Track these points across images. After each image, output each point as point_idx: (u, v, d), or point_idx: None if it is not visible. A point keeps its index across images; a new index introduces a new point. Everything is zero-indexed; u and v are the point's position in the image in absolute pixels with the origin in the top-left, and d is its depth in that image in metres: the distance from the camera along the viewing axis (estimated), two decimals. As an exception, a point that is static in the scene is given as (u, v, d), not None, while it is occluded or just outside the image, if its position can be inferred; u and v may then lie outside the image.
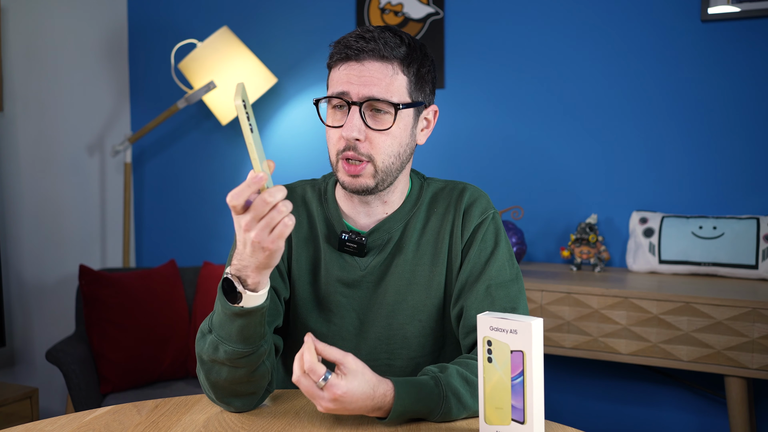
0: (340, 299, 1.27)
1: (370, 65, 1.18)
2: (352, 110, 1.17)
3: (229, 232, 3.18)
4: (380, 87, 1.17)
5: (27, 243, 2.86)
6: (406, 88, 1.20)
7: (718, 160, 2.42)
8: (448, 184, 1.33)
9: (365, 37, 1.18)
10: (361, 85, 1.17)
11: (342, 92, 1.18)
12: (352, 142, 1.18)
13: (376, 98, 1.17)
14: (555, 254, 2.64)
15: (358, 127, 1.17)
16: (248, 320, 1.06)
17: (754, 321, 1.95)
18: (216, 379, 1.13)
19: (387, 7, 2.84)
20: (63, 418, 1.16)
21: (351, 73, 1.18)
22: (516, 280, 1.26)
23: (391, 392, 1.05)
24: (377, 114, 1.19)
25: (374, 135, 1.19)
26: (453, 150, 2.76)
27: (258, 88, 2.85)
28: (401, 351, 1.27)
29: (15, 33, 2.80)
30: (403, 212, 1.29)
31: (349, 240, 1.26)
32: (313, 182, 1.37)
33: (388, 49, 1.18)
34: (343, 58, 1.19)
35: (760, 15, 2.31)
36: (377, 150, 1.19)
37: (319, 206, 1.32)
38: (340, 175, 1.22)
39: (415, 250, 1.28)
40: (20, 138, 2.83)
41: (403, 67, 1.20)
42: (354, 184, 1.21)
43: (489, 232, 1.27)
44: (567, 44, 2.60)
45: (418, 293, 1.27)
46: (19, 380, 2.83)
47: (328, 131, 1.22)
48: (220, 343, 1.09)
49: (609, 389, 2.58)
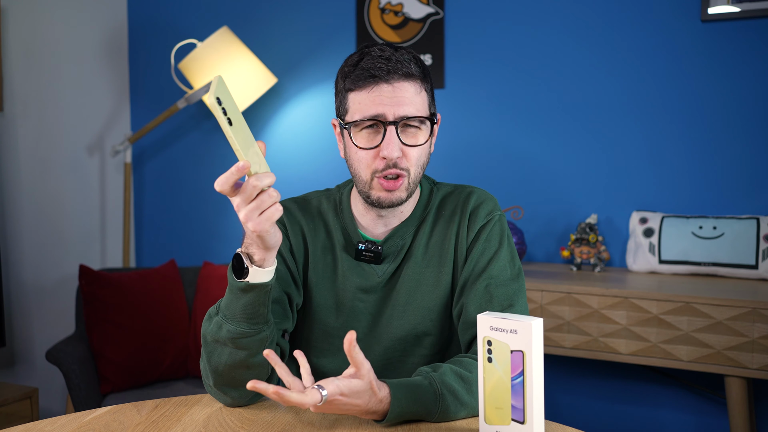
0: (358, 304, 1.32)
1: (399, 85, 1.22)
2: (389, 130, 1.22)
3: (229, 232, 3.19)
4: (413, 105, 1.23)
5: (27, 243, 2.86)
6: (428, 103, 1.27)
7: (718, 160, 2.42)
8: (457, 188, 1.37)
9: (387, 57, 1.22)
10: (395, 105, 1.21)
11: (377, 115, 1.22)
12: (392, 161, 1.22)
13: (412, 116, 1.22)
14: (555, 254, 2.64)
15: (399, 146, 1.22)
16: (253, 297, 1.11)
17: (754, 321, 1.95)
18: (217, 362, 1.16)
19: (387, 7, 2.83)
20: (63, 418, 1.16)
21: (382, 95, 1.22)
22: (516, 279, 1.29)
23: (387, 396, 1.07)
24: (408, 129, 1.24)
25: (409, 150, 1.24)
26: (453, 150, 2.76)
27: (258, 88, 2.85)
28: (414, 349, 1.31)
29: (15, 33, 2.80)
30: (414, 218, 1.33)
31: (365, 250, 1.31)
32: (327, 193, 1.40)
33: (410, 68, 1.23)
34: (370, 81, 1.22)
35: (760, 15, 2.31)
36: (411, 163, 1.25)
37: (335, 217, 1.36)
38: (375, 192, 1.25)
39: (424, 253, 1.32)
40: (20, 138, 2.83)
41: (423, 83, 1.26)
42: (390, 199, 1.25)
43: (494, 232, 1.30)
44: (567, 44, 2.60)
45: (427, 294, 1.30)
46: (19, 380, 2.83)
47: (359, 152, 1.25)
48: (224, 323, 1.14)
49: (609, 389, 2.58)
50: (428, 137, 1.26)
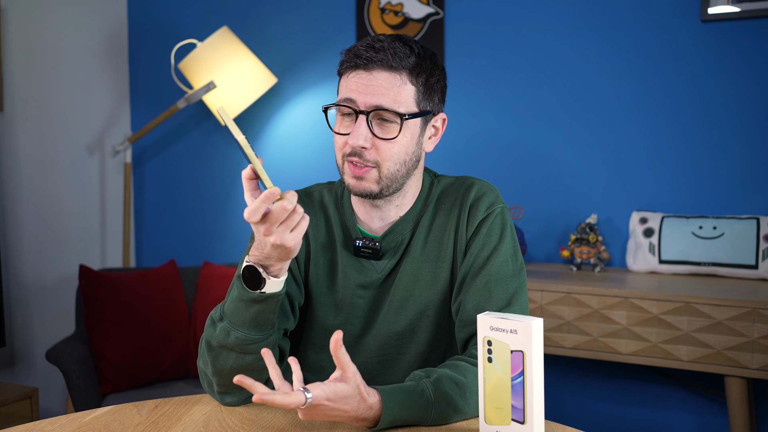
0: (357, 301, 1.30)
1: (378, 75, 1.20)
2: (359, 119, 1.20)
3: (229, 232, 3.19)
4: (387, 97, 1.19)
5: (27, 243, 2.86)
6: (414, 98, 1.22)
7: (718, 160, 2.42)
8: (458, 180, 1.34)
9: (375, 46, 1.20)
10: (368, 94, 1.19)
11: (349, 100, 1.20)
12: (357, 150, 1.20)
13: (383, 108, 1.19)
14: (555, 254, 2.64)
15: (365, 136, 1.19)
16: (264, 306, 1.11)
17: (754, 321, 1.95)
18: (222, 366, 1.16)
19: (387, 7, 2.83)
20: (63, 418, 1.16)
21: (360, 81, 1.20)
22: (517, 276, 1.26)
23: (377, 402, 1.05)
24: (384, 123, 1.21)
25: (380, 143, 1.21)
26: (453, 150, 2.75)
27: (258, 88, 2.85)
28: (411, 346, 1.29)
29: (15, 33, 2.80)
30: (413, 212, 1.30)
31: (363, 246, 1.29)
32: (330, 186, 1.39)
33: (396, 60, 1.20)
34: (352, 66, 1.21)
35: (760, 15, 2.31)
36: (383, 157, 1.21)
37: (335, 210, 1.34)
38: (346, 177, 1.24)
39: (423, 248, 1.29)
40: (20, 138, 2.83)
41: (411, 77, 1.21)
42: (358, 187, 1.23)
43: (494, 226, 1.26)
44: (567, 44, 2.60)
45: (424, 290, 1.28)
46: (19, 380, 2.83)
47: (335, 136, 1.24)
48: (232, 330, 1.13)
49: (609, 389, 2.58)
50: (399, 133, 1.20)
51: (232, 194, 3.18)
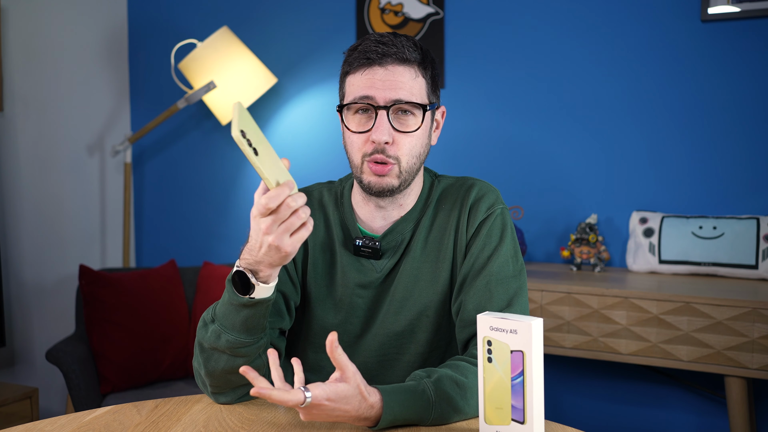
0: (356, 300, 1.30)
1: (393, 69, 1.20)
2: (380, 114, 1.19)
3: (229, 232, 3.19)
4: (405, 90, 1.20)
5: (27, 243, 2.86)
6: (426, 91, 1.24)
7: (718, 160, 2.42)
8: (458, 180, 1.34)
9: (384, 41, 1.21)
10: (386, 89, 1.19)
11: (367, 96, 1.20)
12: (381, 146, 1.20)
13: (403, 101, 1.19)
14: (555, 254, 2.64)
15: (389, 131, 1.19)
16: (254, 311, 1.11)
17: (754, 321, 1.95)
18: (214, 367, 1.16)
19: (387, 7, 2.83)
20: (63, 418, 1.16)
21: (374, 78, 1.20)
22: (518, 276, 1.26)
23: (378, 402, 1.05)
24: (403, 116, 1.21)
25: (400, 137, 1.21)
26: (453, 150, 2.76)
27: (258, 88, 2.85)
28: (410, 346, 1.29)
29: (15, 33, 2.80)
30: (414, 212, 1.30)
31: (363, 245, 1.28)
32: (329, 185, 1.38)
33: (408, 53, 1.21)
34: (364, 63, 1.21)
35: (760, 15, 2.31)
36: (402, 151, 1.22)
37: (335, 210, 1.34)
38: (366, 176, 1.23)
39: (423, 248, 1.29)
40: (20, 138, 2.83)
41: (421, 70, 1.23)
42: (380, 184, 1.22)
43: (495, 227, 1.27)
44: (567, 44, 2.60)
45: (424, 290, 1.28)
46: (19, 380, 2.83)
47: (351, 136, 1.24)
48: (223, 333, 1.13)
49: (609, 389, 2.58)
50: (420, 125, 1.22)
51: (232, 194, 3.18)
